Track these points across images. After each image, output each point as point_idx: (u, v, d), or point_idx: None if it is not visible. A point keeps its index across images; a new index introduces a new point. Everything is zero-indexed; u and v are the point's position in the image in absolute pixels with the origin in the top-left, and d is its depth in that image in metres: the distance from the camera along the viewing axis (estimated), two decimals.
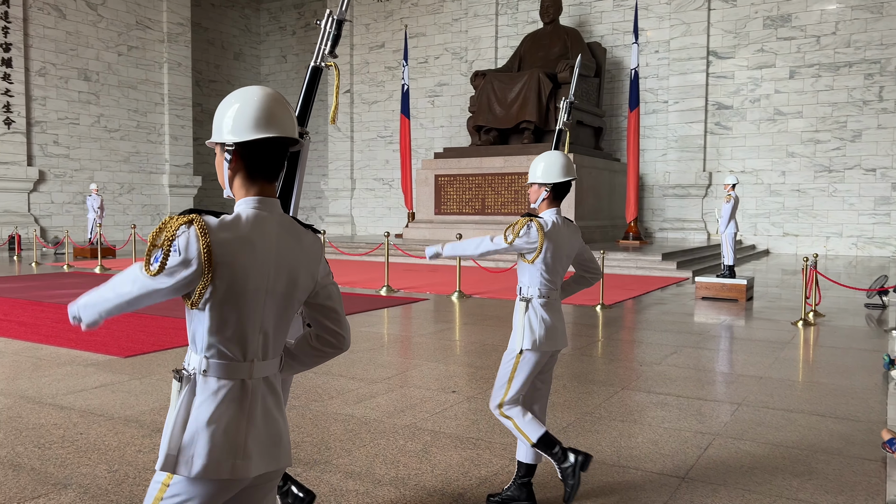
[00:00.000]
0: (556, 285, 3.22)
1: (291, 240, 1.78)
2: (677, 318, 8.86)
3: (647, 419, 4.56)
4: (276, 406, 1.78)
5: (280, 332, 1.80)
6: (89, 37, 21.97)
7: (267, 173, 1.76)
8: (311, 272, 1.82)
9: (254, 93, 1.78)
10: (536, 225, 3.08)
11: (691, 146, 19.79)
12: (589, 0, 21.22)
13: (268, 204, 1.76)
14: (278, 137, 1.74)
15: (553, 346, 3.21)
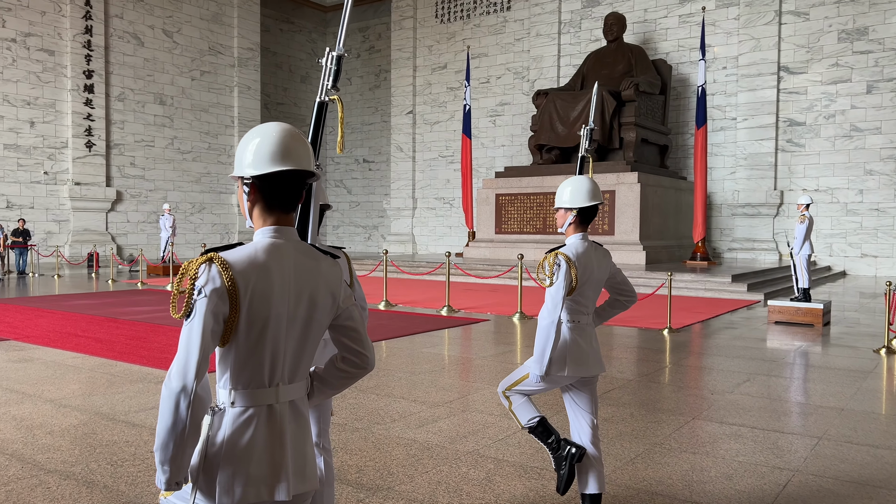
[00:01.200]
0: (586, 309, 3.21)
1: (310, 265, 1.84)
2: (749, 343, 8.53)
3: (719, 452, 4.36)
4: (303, 429, 1.85)
5: (304, 356, 1.86)
6: (165, 63, 22.95)
7: (284, 204, 1.84)
8: (332, 295, 1.87)
9: (272, 128, 1.87)
10: (564, 258, 3.10)
11: (762, 164, 19.18)
12: (654, 17, 20.93)
13: (284, 232, 1.83)
14: (294, 170, 1.82)
15: (581, 372, 3.15)
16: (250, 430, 1.74)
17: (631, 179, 16.66)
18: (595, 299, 3.26)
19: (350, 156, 29.71)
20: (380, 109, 28.67)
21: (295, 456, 1.80)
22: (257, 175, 1.80)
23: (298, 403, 1.84)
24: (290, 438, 1.79)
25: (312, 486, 1.84)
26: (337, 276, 1.90)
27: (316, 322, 1.85)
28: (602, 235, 17.02)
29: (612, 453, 4.30)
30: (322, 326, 1.88)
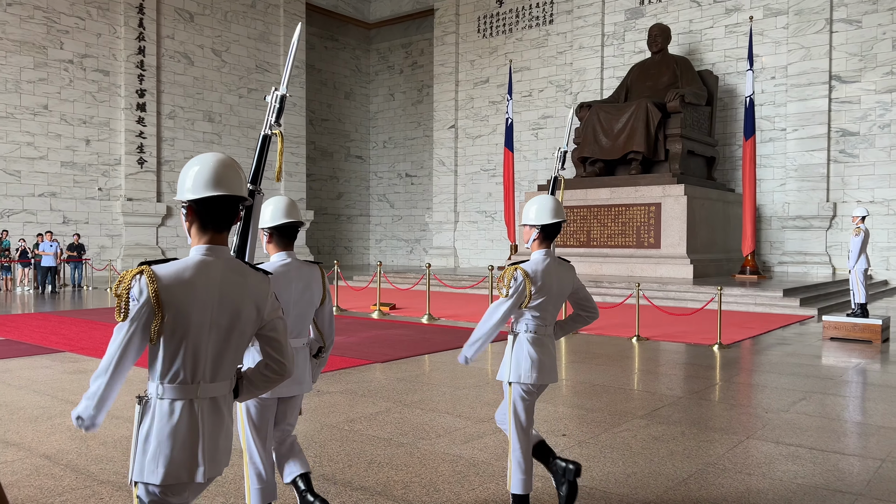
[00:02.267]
0: (545, 322, 3.39)
1: (237, 279, 2.09)
2: (803, 360, 8.25)
3: (776, 474, 4.21)
4: (219, 422, 2.09)
5: (226, 359, 2.09)
6: (214, 81, 23.53)
7: (217, 225, 2.09)
8: (257, 307, 2.12)
9: (210, 158, 2.13)
10: (521, 273, 3.30)
11: (813, 175, 18.67)
12: (699, 28, 20.65)
13: (216, 251, 2.07)
14: (226, 195, 2.07)
15: (543, 379, 3.37)
16: (174, 419, 2.01)
17: (677, 192, 16.38)
18: (556, 313, 3.45)
19: (393, 170, 29.94)
20: (422, 124, 28.85)
21: (210, 445, 2.05)
22: (193, 199, 2.06)
23: (219, 400, 2.09)
24: (207, 430, 2.04)
25: (217, 473, 2.10)
26: (264, 290, 2.14)
27: (238, 330, 2.09)
28: (647, 249, 16.76)
29: (664, 473, 4.19)
30: (245, 334, 2.12)
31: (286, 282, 3.06)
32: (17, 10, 19.08)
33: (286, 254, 3.16)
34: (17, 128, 19.16)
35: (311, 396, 6.13)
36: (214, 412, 2.08)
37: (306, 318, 3.17)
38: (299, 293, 3.11)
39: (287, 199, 3.21)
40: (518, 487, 3.36)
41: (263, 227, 3.16)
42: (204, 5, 23.20)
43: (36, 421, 5.28)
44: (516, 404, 3.39)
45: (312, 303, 3.17)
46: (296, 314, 3.11)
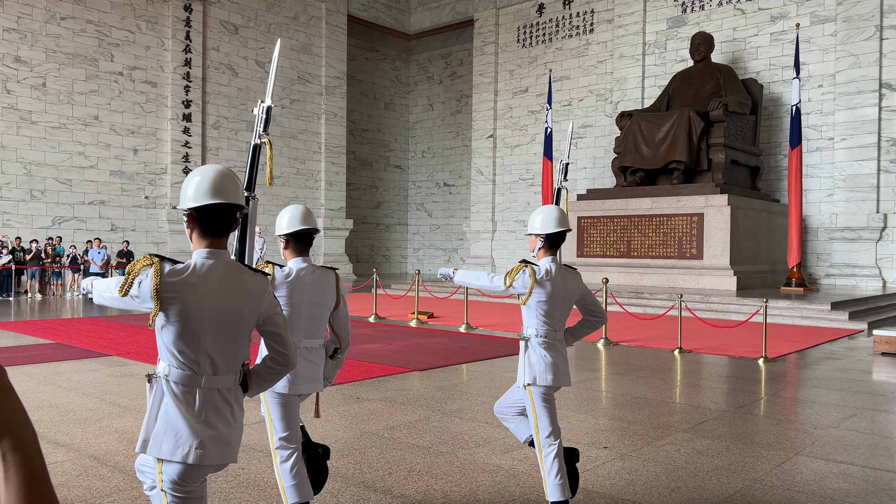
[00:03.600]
0: (554, 327, 3.51)
1: (236, 280, 2.27)
2: (853, 375, 8.01)
3: (827, 492, 4.08)
4: (229, 413, 2.24)
5: (228, 354, 2.25)
6: (257, 92, 23.96)
7: (216, 230, 2.28)
8: (256, 305, 2.30)
9: (210, 169, 2.31)
10: (530, 270, 3.43)
11: (862, 185, 18.16)
12: (743, 36, 20.32)
13: (216, 254, 2.26)
14: (224, 203, 2.26)
15: (558, 382, 3.48)
16: (181, 405, 2.18)
17: (720, 202, 16.10)
18: (564, 319, 3.58)
19: (431, 180, 30.06)
20: (461, 134, 28.93)
21: (217, 434, 2.19)
22: (194, 207, 2.25)
23: (224, 392, 2.24)
24: (214, 419, 2.20)
25: (229, 460, 2.24)
26: (262, 290, 2.33)
27: (238, 326, 2.26)
28: (690, 260, 16.49)
29: (709, 488, 4.10)
30: (245, 330, 2.29)
31: (301, 286, 3.23)
32: (70, 24, 19.74)
33: (301, 259, 3.32)
34: (69, 138, 19.78)
35: (351, 403, 6.17)
36: (223, 403, 2.23)
37: (321, 320, 3.32)
38: (313, 297, 3.26)
39: (303, 207, 3.36)
40: (556, 494, 3.40)
41: (280, 234, 3.34)
42: (248, 18, 23.69)
43: (85, 423, 5.42)
44: (538, 407, 3.48)
45: (327, 306, 3.32)
46: (310, 316, 3.26)
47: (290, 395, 3.25)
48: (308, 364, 3.26)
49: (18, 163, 18.90)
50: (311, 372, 3.27)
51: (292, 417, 3.27)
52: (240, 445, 2.30)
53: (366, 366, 8.05)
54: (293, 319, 3.21)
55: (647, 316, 12.98)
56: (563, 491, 3.39)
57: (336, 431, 5.28)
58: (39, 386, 6.70)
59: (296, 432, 3.28)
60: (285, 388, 3.20)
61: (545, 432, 3.46)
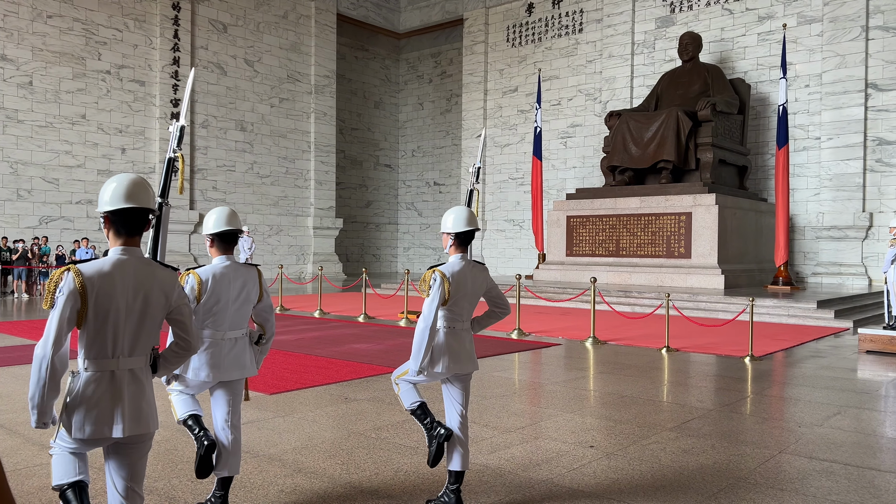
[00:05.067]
0: (460, 317, 3.79)
1: (148, 274, 2.59)
2: (838, 373, 8.08)
3: (810, 489, 4.13)
4: (140, 389, 2.58)
5: (141, 337, 2.58)
6: (246, 91, 23.89)
7: (129, 231, 2.61)
8: (165, 295, 2.63)
9: (125, 177, 2.65)
10: (440, 274, 3.68)
11: (848, 185, 18.31)
12: (731, 36, 20.43)
13: (129, 251, 2.59)
14: (136, 207, 2.59)
15: (455, 369, 3.74)
16: (97, 387, 2.50)
17: (708, 201, 16.19)
18: (470, 310, 3.85)
19: (421, 179, 30.05)
20: (450, 133, 28.94)
21: (131, 408, 2.53)
22: (109, 210, 2.58)
23: (137, 371, 2.58)
24: (127, 395, 2.53)
25: (146, 430, 2.58)
26: (171, 282, 2.66)
27: (149, 314, 2.59)
28: (678, 259, 16.57)
29: (693, 487, 4.13)
30: (156, 318, 2.62)
31: (226, 282, 3.54)
32: (57, 22, 19.60)
33: (226, 257, 3.62)
34: (56, 137, 19.65)
35: (339, 403, 6.17)
36: (134, 381, 2.57)
37: (245, 313, 3.64)
38: (237, 292, 3.57)
39: (228, 208, 3.67)
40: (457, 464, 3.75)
41: (206, 234, 3.64)
42: (237, 16, 23.60)
43: None
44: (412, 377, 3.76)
45: (250, 300, 3.64)
46: (235, 309, 3.58)
47: (209, 383, 3.57)
48: (232, 353, 3.57)
49: (5, 162, 18.76)
50: (236, 360, 3.59)
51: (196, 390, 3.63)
52: (155, 418, 2.62)
53: (354, 366, 8.06)
54: (219, 313, 3.53)
55: (635, 315, 13.04)
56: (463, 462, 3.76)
57: (323, 432, 5.28)
58: (25, 387, 6.66)
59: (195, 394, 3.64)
60: (210, 375, 3.51)
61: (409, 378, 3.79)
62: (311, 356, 8.71)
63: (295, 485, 4.10)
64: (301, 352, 9.05)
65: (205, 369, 3.50)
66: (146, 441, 2.64)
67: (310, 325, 12.11)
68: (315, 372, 7.63)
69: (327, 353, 8.92)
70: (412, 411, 3.80)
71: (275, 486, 4.08)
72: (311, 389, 6.77)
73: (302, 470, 4.37)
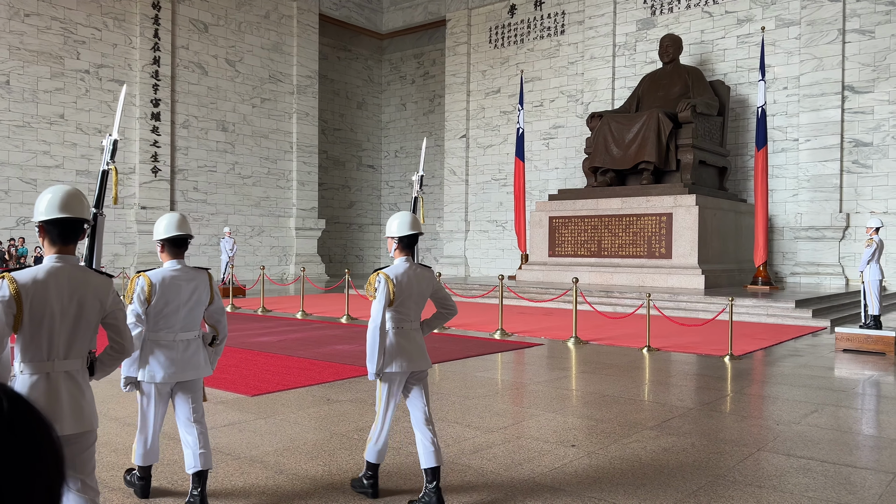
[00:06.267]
0: (408, 318, 3.94)
1: (82, 280, 2.70)
2: (816, 371, 8.20)
3: (787, 486, 4.19)
4: (77, 390, 2.68)
5: (76, 341, 2.68)
6: (227, 91, 23.74)
7: (64, 239, 2.72)
8: (100, 301, 2.74)
9: (60, 188, 2.77)
10: (384, 276, 3.85)
11: (826, 186, 18.57)
12: (711, 38, 20.63)
13: (64, 258, 2.70)
14: (69, 217, 2.70)
15: (408, 367, 3.89)
16: (34, 388, 2.59)
17: (688, 202, 16.34)
18: (418, 311, 4.00)
19: (404, 179, 30.03)
20: (434, 134, 28.95)
21: (70, 407, 2.63)
22: (44, 220, 2.69)
23: (73, 373, 2.68)
24: (64, 395, 2.62)
25: (88, 427, 2.68)
26: (105, 288, 2.77)
27: (84, 318, 2.69)
28: (659, 259, 16.71)
29: (672, 485, 4.18)
30: (90, 322, 2.72)
31: (176, 285, 3.64)
32: (35, 20, 19.36)
33: (177, 262, 3.74)
34: (33, 137, 19.40)
35: (321, 405, 6.16)
36: (71, 382, 2.67)
37: (196, 316, 3.74)
38: (188, 295, 3.67)
39: (179, 214, 3.82)
40: (372, 457, 3.95)
41: (156, 239, 3.75)
42: (218, 16, 23.44)
43: None
44: (383, 387, 3.95)
45: (201, 302, 3.74)
46: (185, 312, 3.68)
47: (166, 384, 3.70)
48: (185, 354, 3.69)
49: None
50: (190, 361, 3.71)
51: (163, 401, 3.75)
52: (95, 416, 2.74)
53: (336, 367, 8.04)
54: (170, 316, 3.63)
55: (616, 315, 13.13)
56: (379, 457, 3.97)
57: (305, 433, 5.27)
58: None
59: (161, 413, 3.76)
60: (164, 376, 3.62)
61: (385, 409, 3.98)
62: (293, 357, 8.67)
63: (276, 486, 4.08)
64: (283, 353, 9.01)
65: (160, 371, 3.61)
66: (89, 437, 2.74)
67: (292, 327, 12.06)
68: (297, 373, 7.60)
69: (309, 355, 8.89)
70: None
71: (256, 488, 4.06)
72: (294, 391, 6.75)
73: (283, 472, 4.36)
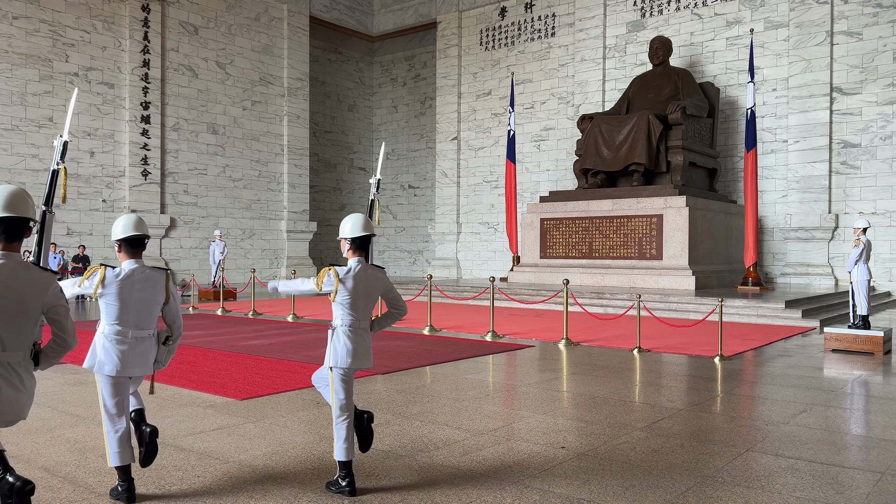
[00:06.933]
0: (359, 317, 4.13)
1: (24, 276, 2.89)
2: (805, 372, 8.23)
3: (775, 486, 4.20)
4: (18, 382, 2.91)
5: (16, 335, 2.88)
6: (218, 93, 23.67)
7: (8, 237, 2.94)
8: (40, 297, 2.94)
9: (5, 188, 2.97)
10: (333, 272, 4.05)
11: (815, 187, 18.67)
12: (700, 40, 20.73)
13: (8, 255, 2.91)
14: (14, 217, 2.92)
15: (357, 364, 4.13)
16: None
17: (679, 203, 16.40)
18: (368, 310, 4.18)
19: (395, 182, 30.02)
20: (425, 136, 28.96)
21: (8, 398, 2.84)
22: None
23: (14, 364, 2.90)
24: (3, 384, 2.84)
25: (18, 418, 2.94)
26: (46, 284, 2.98)
27: (25, 313, 2.87)
28: (650, 260, 16.76)
29: (661, 486, 4.18)
30: (31, 316, 2.91)
31: (130, 284, 3.78)
32: (23, 23, 19.26)
33: (134, 261, 3.87)
34: (21, 140, 19.29)
35: (311, 408, 6.14)
36: (12, 374, 2.88)
37: (150, 313, 3.88)
38: (142, 293, 3.81)
39: (136, 216, 3.94)
40: (341, 455, 4.01)
41: (114, 239, 3.90)
42: (208, 18, 23.38)
43: (35, 433, 5.29)
44: (336, 385, 4.13)
45: (156, 301, 3.89)
46: (139, 310, 3.82)
47: (120, 377, 3.81)
48: (137, 350, 3.82)
49: None
50: (141, 357, 3.84)
51: (122, 396, 3.84)
52: (30, 407, 2.98)
53: None
54: (123, 312, 3.77)
55: (607, 316, 13.15)
56: (348, 454, 4.02)
57: (295, 437, 5.25)
58: None
59: (124, 408, 3.86)
60: (114, 370, 3.75)
61: (339, 405, 4.11)
62: (283, 361, 8.64)
63: (265, 490, 4.06)
64: (273, 356, 8.98)
65: (109, 364, 3.75)
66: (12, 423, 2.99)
67: (283, 330, 12.02)
68: (287, 377, 7.57)
69: (300, 358, 8.86)
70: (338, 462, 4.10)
71: (244, 492, 4.04)
72: (283, 394, 6.73)
73: (272, 476, 4.34)
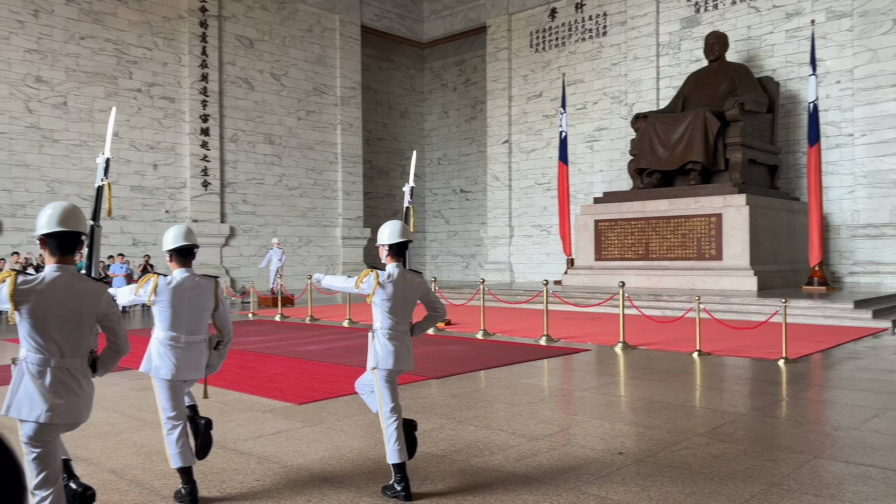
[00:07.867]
0: (398, 320, 4.23)
1: (79, 287, 3.04)
2: (877, 375, 7.88)
3: (846, 495, 4.02)
4: (77, 387, 3.04)
5: (75, 341, 3.03)
6: (273, 104, 24.20)
7: (62, 251, 3.06)
8: (94, 306, 3.08)
9: (59, 205, 3.11)
10: (374, 274, 4.18)
11: (884, 181, 17.89)
12: (758, 34, 20.14)
13: (62, 268, 3.04)
14: (67, 231, 3.05)
15: (400, 366, 4.19)
16: (36, 379, 2.95)
17: (739, 202, 15.94)
18: (407, 314, 4.30)
19: (447, 186, 30.11)
20: (476, 140, 28.96)
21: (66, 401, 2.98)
22: (45, 233, 3.03)
23: (72, 371, 3.03)
24: (62, 390, 2.97)
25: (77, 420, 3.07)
26: (99, 293, 3.11)
27: (81, 322, 3.02)
28: (709, 261, 16.34)
29: (724, 493, 4.06)
30: (87, 325, 3.06)
31: (181, 292, 3.96)
32: (90, 43, 20.09)
33: (184, 270, 4.05)
34: (90, 155, 20.10)
35: (367, 412, 6.19)
36: (70, 379, 3.01)
37: (201, 320, 4.05)
38: (192, 301, 3.99)
39: (185, 226, 4.11)
40: (395, 457, 4.03)
41: (166, 249, 4.07)
42: (263, 31, 23.95)
43: (104, 437, 5.49)
44: (381, 387, 4.18)
45: (206, 307, 4.06)
46: (190, 317, 3.99)
47: (175, 381, 3.97)
48: (189, 355, 3.98)
49: (42, 181, 19.24)
50: (193, 362, 4.00)
51: (178, 399, 4.00)
52: (89, 411, 3.12)
53: None
54: (175, 319, 3.94)
55: (665, 318, 12.87)
56: (401, 455, 4.04)
57: (351, 441, 5.30)
58: None
59: (181, 411, 4.01)
60: (169, 374, 3.92)
61: (387, 407, 4.15)
62: (339, 365, 8.75)
63: (322, 495, 4.12)
64: (330, 361, 9.11)
65: (164, 368, 3.92)
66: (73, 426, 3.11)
67: (339, 335, 12.18)
68: (344, 381, 7.66)
69: (356, 363, 8.95)
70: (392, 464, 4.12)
71: (302, 495, 4.10)
72: (340, 399, 6.81)
73: (329, 479, 4.39)
